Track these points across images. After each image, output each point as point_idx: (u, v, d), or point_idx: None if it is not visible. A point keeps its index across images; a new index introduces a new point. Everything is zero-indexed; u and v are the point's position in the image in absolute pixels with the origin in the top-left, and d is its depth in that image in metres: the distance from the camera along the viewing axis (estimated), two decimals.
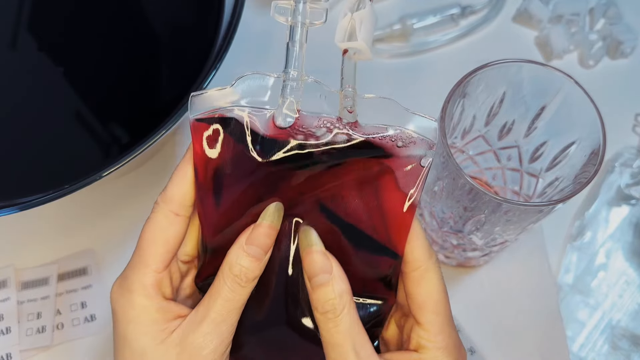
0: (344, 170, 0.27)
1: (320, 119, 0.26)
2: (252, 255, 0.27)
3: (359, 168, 0.27)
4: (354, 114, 0.26)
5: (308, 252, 0.27)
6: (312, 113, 0.27)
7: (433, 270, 0.28)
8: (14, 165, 0.41)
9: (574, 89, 0.33)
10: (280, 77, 0.26)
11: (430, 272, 0.28)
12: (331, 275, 0.27)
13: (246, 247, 0.27)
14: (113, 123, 0.43)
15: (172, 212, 0.28)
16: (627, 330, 0.43)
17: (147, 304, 0.27)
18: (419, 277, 0.28)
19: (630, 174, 0.47)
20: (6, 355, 0.40)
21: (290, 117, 0.26)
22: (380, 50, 0.52)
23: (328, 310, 0.27)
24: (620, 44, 0.52)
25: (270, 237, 0.28)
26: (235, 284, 0.27)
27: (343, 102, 0.26)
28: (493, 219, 0.34)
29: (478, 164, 0.42)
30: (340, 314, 0.27)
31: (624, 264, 0.45)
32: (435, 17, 0.53)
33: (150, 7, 0.49)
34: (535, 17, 0.54)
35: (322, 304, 0.27)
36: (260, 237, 0.27)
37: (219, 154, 0.27)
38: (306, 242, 0.27)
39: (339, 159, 0.27)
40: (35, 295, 0.42)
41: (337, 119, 0.26)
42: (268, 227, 0.27)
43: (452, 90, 0.33)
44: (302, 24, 0.26)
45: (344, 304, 0.27)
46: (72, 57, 0.46)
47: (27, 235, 0.45)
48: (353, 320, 0.27)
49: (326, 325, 0.27)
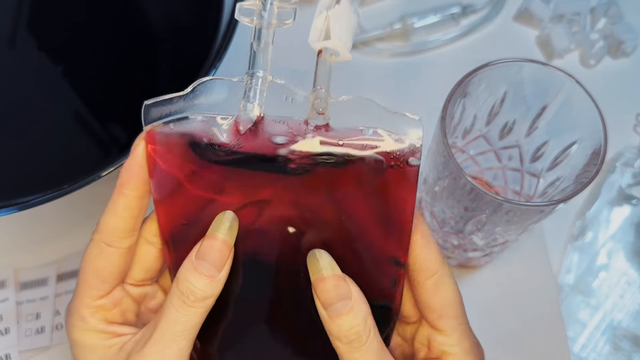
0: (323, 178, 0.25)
1: (285, 122, 0.24)
2: (202, 272, 0.24)
3: (351, 173, 0.25)
4: (326, 116, 0.24)
5: (321, 278, 0.24)
6: (278, 117, 0.24)
7: (448, 275, 0.27)
8: (13, 165, 0.41)
9: (575, 88, 0.33)
10: (243, 81, 0.25)
11: (445, 277, 0.27)
12: (352, 301, 0.24)
13: (196, 262, 0.24)
14: (112, 123, 0.43)
15: (103, 242, 0.27)
16: (628, 331, 0.43)
17: (86, 328, 0.27)
18: (434, 284, 0.27)
19: (632, 173, 0.47)
20: (5, 356, 0.40)
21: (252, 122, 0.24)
22: (380, 49, 0.52)
23: (353, 339, 0.24)
24: (621, 44, 0.52)
25: (223, 253, 0.25)
26: (181, 303, 0.24)
27: (314, 104, 0.24)
28: (494, 219, 0.34)
29: (479, 164, 0.42)
30: (367, 341, 0.24)
31: (625, 264, 0.45)
32: (436, 16, 0.53)
33: (150, 6, 0.48)
34: (536, 16, 0.54)
35: (346, 334, 0.24)
36: (211, 252, 0.24)
37: (176, 164, 0.25)
38: (317, 267, 0.25)
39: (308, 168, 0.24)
40: (35, 296, 0.42)
41: (304, 122, 0.24)
42: (222, 242, 0.25)
43: (452, 89, 0.33)
44: (268, 23, 0.24)
45: (369, 329, 0.24)
46: (71, 57, 0.45)
47: (26, 235, 0.45)
48: (379, 345, 0.25)
49: (352, 356, 0.24)
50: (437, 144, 0.33)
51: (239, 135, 0.24)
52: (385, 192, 0.25)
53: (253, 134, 0.24)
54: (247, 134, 0.24)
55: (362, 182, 0.25)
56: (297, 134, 0.24)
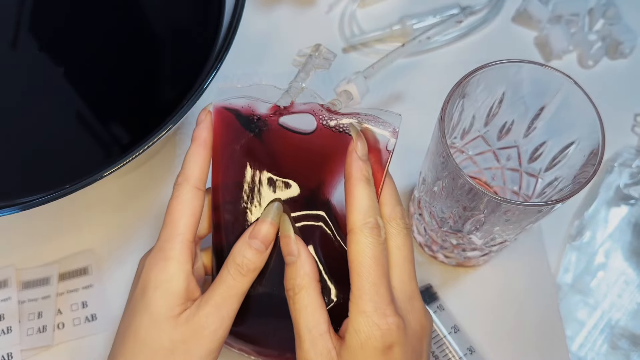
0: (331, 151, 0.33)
1: (307, 104, 0.33)
2: (254, 247, 0.31)
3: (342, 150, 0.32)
4: (338, 107, 0.33)
5: (282, 236, 0.31)
6: (304, 102, 0.33)
7: (364, 235, 0.29)
8: (15, 166, 0.41)
9: (573, 89, 0.33)
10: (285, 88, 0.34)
11: (359, 235, 0.29)
12: (296, 257, 0.30)
13: (249, 240, 0.31)
14: (113, 123, 0.43)
15: (194, 187, 0.32)
16: (626, 330, 0.43)
17: (180, 270, 0.30)
18: (350, 239, 0.30)
19: (630, 174, 0.48)
20: (7, 354, 0.41)
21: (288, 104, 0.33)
22: (380, 50, 0.53)
23: (289, 288, 0.30)
24: (619, 44, 0.53)
25: (271, 233, 0.31)
26: (237, 273, 0.30)
27: (332, 102, 0.33)
28: (492, 218, 0.34)
29: (477, 164, 0.42)
30: (299, 293, 0.30)
31: (623, 264, 0.45)
32: (435, 18, 0.53)
33: (151, 7, 0.49)
34: (534, 17, 0.54)
35: (287, 281, 0.30)
36: (262, 232, 0.31)
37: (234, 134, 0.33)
38: (283, 229, 0.31)
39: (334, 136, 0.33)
40: (36, 295, 0.43)
41: (320, 105, 0.33)
42: (269, 223, 0.31)
43: (451, 90, 0.33)
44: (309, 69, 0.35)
45: (303, 285, 0.30)
46: (73, 58, 0.46)
47: (28, 235, 0.46)
48: (310, 300, 0.29)
49: (288, 301, 0.30)
50: (436, 144, 0.33)
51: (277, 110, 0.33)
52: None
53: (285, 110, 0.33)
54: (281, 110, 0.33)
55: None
56: (315, 112, 0.33)
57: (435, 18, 0.53)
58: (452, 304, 0.44)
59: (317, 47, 0.39)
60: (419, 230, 0.44)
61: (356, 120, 0.32)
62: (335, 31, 0.55)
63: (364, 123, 0.32)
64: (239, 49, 0.53)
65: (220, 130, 0.33)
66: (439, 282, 0.44)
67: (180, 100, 0.39)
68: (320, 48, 0.40)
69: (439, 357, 0.40)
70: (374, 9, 0.56)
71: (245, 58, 0.53)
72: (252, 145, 0.33)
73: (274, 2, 0.56)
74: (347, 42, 0.54)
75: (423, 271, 0.45)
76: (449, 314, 0.41)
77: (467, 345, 0.40)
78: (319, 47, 0.40)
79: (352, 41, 0.53)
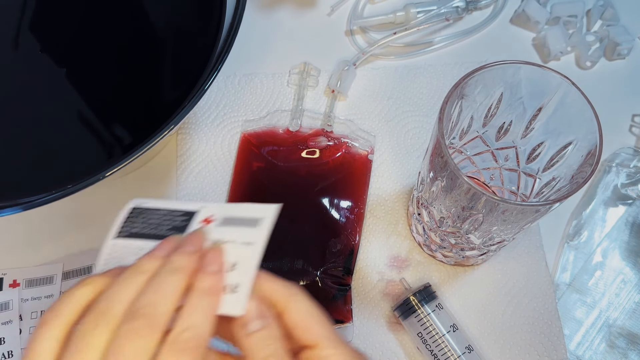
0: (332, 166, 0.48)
1: (310, 128, 0.49)
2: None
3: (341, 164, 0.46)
4: (331, 128, 0.49)
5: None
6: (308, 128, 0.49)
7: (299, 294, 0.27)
8: (18, 166, 0.41)
9: (571, 90, 0.34)
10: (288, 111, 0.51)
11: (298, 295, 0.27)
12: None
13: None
14: (115, 124, 0.44)
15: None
16: (623, 329, 0.43)
17: None
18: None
19: (627, 174, 0.48)
20: (8, 352, 0.41)
21: (297, 128, 0.48)
22: (380, 51, 0.53)
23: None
24: (617, 45, 0.53)
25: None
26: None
27: (324, 123, 0.48)
28: (491, 218, 0.34)
29: (476, 164, 0.42)
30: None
31: (620, 263, 0.45)
32: (439, 9, 0.53)
33: (153, 9, 0.49)
34: (532, 18, 0.54)
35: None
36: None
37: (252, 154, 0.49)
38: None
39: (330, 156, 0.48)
40: (40, 294, 0.43)
41: (321, 130, 0.49)
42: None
43: (450, 91, 0.33)
44: (302, 95, 0.50)
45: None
46: (75, 59, 0.46)
47: (31, 234, 0.46)
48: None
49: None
50: (435, 145, 0.34)
51: (288, 133, 0.49)
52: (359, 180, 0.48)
53: (295, 132, 0.49)
54: (291, 133, 0.49)
55: (342, 163, 0.48)
56: (319, 133, 0.49)
57: (439, 9, 0.53)
58: (451, 303, 0.44)
59: (304, 66, 0.49)
60: (417, 230, 0.44)
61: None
62: (336, 31, 0.55)
63: (353, 142, 0.48)
64: (240, 50, 0.54)
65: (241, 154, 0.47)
66: (437, 281, 0.44)
67: (181, 101, 0.39)
68: (307, 67, 0.51)
69: (438, 356, 0.40)
70: (385, 4, 0.56)
71: (245, 59, 0.53)
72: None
73: (275, 4, 0.56)
74: (351, 25, 0.55)
75: (422, 270, 0.45)
76: (447, 313, 0.41)
77: (465, 343, 0.40)
78: (306, 66, 0.51)
79: (355, 23, 0.54)
